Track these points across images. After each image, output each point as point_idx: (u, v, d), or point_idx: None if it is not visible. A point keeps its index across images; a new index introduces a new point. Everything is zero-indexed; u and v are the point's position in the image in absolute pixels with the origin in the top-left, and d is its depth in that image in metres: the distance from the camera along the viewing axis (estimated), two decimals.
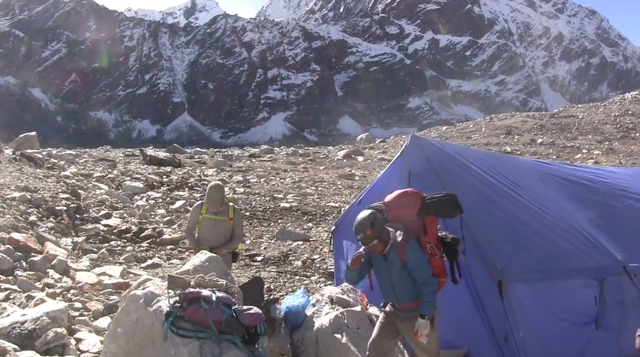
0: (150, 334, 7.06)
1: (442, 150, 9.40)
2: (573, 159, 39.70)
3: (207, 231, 11.00)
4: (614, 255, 8.52)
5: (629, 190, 10.56)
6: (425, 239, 7.67)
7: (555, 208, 9.15)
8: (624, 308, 8.31)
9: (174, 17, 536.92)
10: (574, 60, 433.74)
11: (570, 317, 8.25)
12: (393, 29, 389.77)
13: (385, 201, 7.96)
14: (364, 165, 37.59)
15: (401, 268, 7.46)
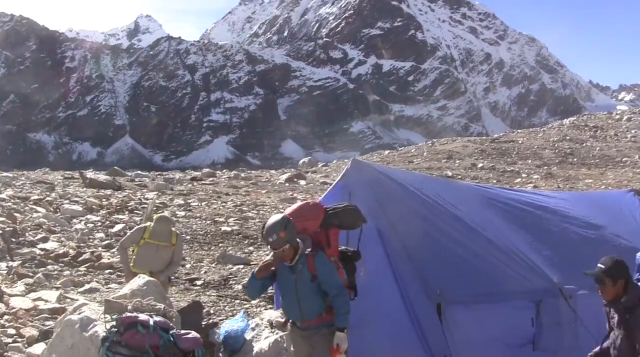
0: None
1: (383, 174, 9.47)
2: (513, 183, 40.17)
3: (147, 256, 10.91)
4: (551, 277, 8.68)
5: (566, 214, 10.77)
6: (329, 252, 7.59)
7: (495, 232, 9.28)
8: (560, 329, 8.46)
9: (116, 38, 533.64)
10: (514, 86, 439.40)
11: (508, 339, 8.37)
12: (337, 54, 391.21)
13: (288, 212, 7.74)
14: (306, 189, 37.59)
15: (310, 280, 7.29)
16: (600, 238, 10.31)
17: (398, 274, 8.35)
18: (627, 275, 6.53)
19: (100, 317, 7.27)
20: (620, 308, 6.49)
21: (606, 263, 6.57)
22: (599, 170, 46.77)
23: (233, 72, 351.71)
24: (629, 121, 74.07)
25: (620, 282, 6.44)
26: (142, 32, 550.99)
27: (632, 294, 6.39)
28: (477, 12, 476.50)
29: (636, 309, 6.34)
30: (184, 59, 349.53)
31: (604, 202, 12.44)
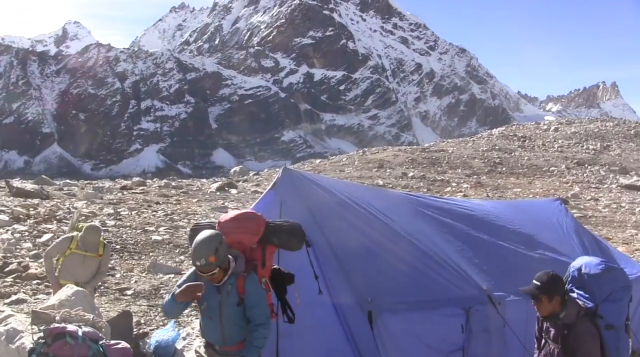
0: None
1: (315, 183, 9.46)
2: (443, 192, 40.64)
3: (74, 267, 10.73)
4: (480, 284, 8.77)
5: (495, 222, 10.95)
6: (262, 272, 7.01)
7: (425, 240, 9.34)
8: (489, 336, 8.55)
9: (43, 44, 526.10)
10: (444, 96, 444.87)
11: (438, 346, 8.42)
12: (268, 62, 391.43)
13: (222, 221, 7.13)
14: (237, 198, 37.51)
15: (237, 304, 6.66)
16: (528, 246, 10.47)
17: (329, 282, 8.32)
18: (563, 290, 6.57)
19: (27, 329, 7.16)
20: (559, 324, 6.53)
21: (541, 279, 6.55)
22: (527, 180, 47.64)
23: (164, 80, 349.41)
24: (556, 131, 75.67)
25: (557, 298, 6.46)
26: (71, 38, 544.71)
27: (570, 310, 6.44)
28: (408, 23, 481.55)
29: (575, 326, 6.39)
30: (113, 66, 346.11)
31: (532, 211, 12.65)
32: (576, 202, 38.19)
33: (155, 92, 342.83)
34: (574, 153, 61.90)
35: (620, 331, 6.64)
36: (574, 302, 6.56)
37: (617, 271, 6.99)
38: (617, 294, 6.69)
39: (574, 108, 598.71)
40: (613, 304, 6.59)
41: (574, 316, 6.40)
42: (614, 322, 6.62)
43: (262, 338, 6.66)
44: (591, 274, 6.92)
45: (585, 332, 6.32)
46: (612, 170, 53.42)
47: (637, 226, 32.01)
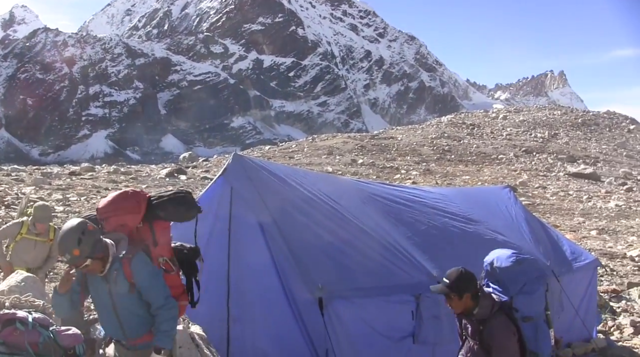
0: None
1: (265, 169, 9.44)
2: (392, 179, 40.78)
3: (25, 252, 10.63)
4: (430, 271, 8.83)
5: (444, 209, 11.02)
6: (156, 252, 6.33)
7: (374, 226, 9.38)
8: (439, 323, 8.60)
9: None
10: (393, 84, 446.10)
11: (389, 332, 8.46)
12: (217, 48, 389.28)
13: (99, 207, 6.42)
14: (186, 184, 37.26)
15: (128, 291, 6.01)
16: (478, 232, 10.57)
17: (280, 269, 8.28)
18: (473, 287, 6.48)
19: None
20: (474, 320, 6.49)
21: (450, 277, 6.51)
22: (475, 167, 47.98)
23: (112, 65, 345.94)
24: (505, 119, 76.35)
25: (467, 295, 6.41)
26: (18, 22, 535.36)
27: (483, 305, 6.39)
28: (357, 10, 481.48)
29: (489, 320, 6.35)
30: (61, 51, 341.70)
31: (481, 198, 12.78)
32: (524, 190, 38.62)
33: (104, 78, 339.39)
34: (522, 141, 62.51)
35: (538, 322, 6.61)
36: (487, 297, 6.52)
37: (528, 262, 6.96)
38: (531, 285, 6.67)
39: (522, 96, 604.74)
40: (527, 296, 6.58)
41: (488, 311, 6.36)
42: (531, 313, 6.66)
43: (168, 320, 6.08)
44: (502, 268, 6.95)
45: (499, 326, 6.30)
46: (560, 158, 54.10)
47: (584, 213, 32.48)
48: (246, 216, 8.61)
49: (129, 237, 6.24)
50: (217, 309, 8.94)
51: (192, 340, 7.95)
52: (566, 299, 10.74)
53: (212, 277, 9.16)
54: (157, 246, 6.35)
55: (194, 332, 8.14)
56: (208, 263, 9.41)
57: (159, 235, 6.42)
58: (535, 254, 10.70)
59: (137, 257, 6.06)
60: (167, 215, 6.43)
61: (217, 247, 8.95)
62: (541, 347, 6.52)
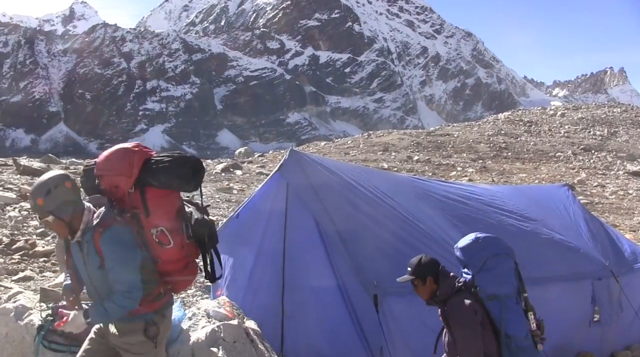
0: (20, 348, 6.90)
1: (321, 165, 9.42)
2: (448, 176, 40.48)
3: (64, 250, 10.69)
4: None
5: (501, 207, 10.87)
6: (149, 222, 5.59)
7: (430, 223, 9.31)
8: None
9: (51, 24, 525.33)
10: (450, 80, 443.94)
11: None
12: (274, 44, 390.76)
13: (97, 162, 5.87)
14: (242, 179, 37.36)
15: (99, 266, 5.42)
16: (534, 231, 10.40)
17: (335, 265, 8.28)
18: (434, 270, 6.42)
19: (35, 306, 7.16)
20: (438, 302, 6.44)
21: (411, 265, 6.48)
22: (532, 165, 47.40)
23: (169, 60, 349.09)
24: (563, 117, 75.27)
25: (429, 279, 6.37)
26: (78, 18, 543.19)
27: (443, 286, 6.34)
28: (414, 6, 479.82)
29: (449, 300, 6.27)
30: (120, 46, 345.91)
31: (539, 197, 12.57)
32: (582, 189, 38.04)
33: (161, 73, 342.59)
34: (581, 139, 61.58)
35: (506, 301, 6.29)
36: (446, 277, 6.41)
37: (487, 239, 6.65)
38: (491, 262, 6.37)
39: (580, 93, 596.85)
40: (488, 273, 6.30)
41: (449, 290, 6.28)
42: (494, 291, 6.30)
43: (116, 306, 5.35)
44: (463, 247, 6.61)
45: (456, 304, 6.18)
46: (619, 156, 53.14)
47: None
48: (302, 211, 8.61)
49: (122, 202, 5.65)
50: (271, 304, 8.96)
51: (247, 335, 7.94)
52: (625, 300, 10.56)
53: (266, 273, 9.19)
54: (149, 216, 5.58)
55: (249, 327, 8.13)
56: (263, 258, 9.44)
57: (153, 203, 5.62)
58: (593, 254, 10.55)
59: (108, 232, 5.37)
60: (159, 183, 5.64)
61: (273, 243, 8.97)
62: (507, 328, 6.22)
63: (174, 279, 5.83)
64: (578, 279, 10.02)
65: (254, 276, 9.56)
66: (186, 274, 5.92)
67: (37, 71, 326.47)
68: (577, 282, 10.00)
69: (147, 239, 5.60)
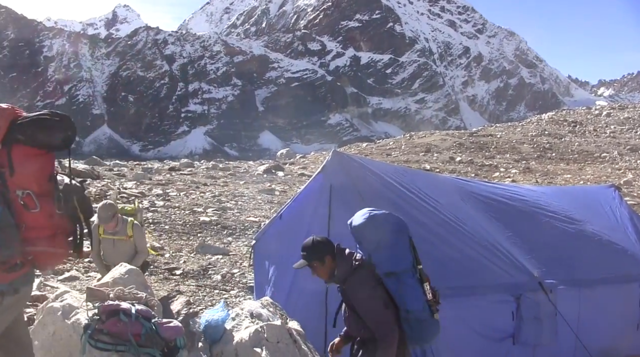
0: (68, 347, 6.97)
1: (363, 166, 9.41)
2: (491, 177, 40.26)
3: (108, 252, 10.84)
4: (531, 271, 8.66)
5: (545, 208, 10.77)
6: (14, 182, 5.26)
7: (474, 225, 9.25)
8: (540, 324, 8.44)
9: (94, 28, 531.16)
10: (492, 80, 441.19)
11: (487, 333, 8.35)
12: (315, 46, 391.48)
13: None
14: (284, 181, 37.52)
15: None
16: (580, 233, 10.31)
17: None
18: (329, 250, 6.26)
19: (82, 305, 7.25)
20: (337, 281, 6.30)
21: (306, 247, 6.30)
22: (577, 166, 46.91)
23: (211, 63, 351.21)
24: (608, 117, 74.42)
25: (328, 258, 6.22)
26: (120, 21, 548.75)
27: (342, 265, 6.21)
28: (455, 6, 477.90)
29: (348, 279, 6.14)
30: (162, 49, 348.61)
31: (584, 198, 12.44)
32: (629, 190, 37.52)
33: (203, 75, 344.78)
34: (627, 139, 60.77)
35: (402, 277, 6.15)
36: (344, 256, 6.27)
37: (382, 216, 6.46)
38: (387, 240, 6.24)
39: (627, 93, 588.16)
40: (385, 250, 6.19)
41: (347, 270, 6.15)
42: (391, 268, 6.16)
43: None
44: (357, 226, 6.42)
45: (356, 282, 6.09)
46: None
47: None
48: (345, 212, 8.55)
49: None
50: (314, 305, 8.97)
51: (290, 335, 7.94)
52: None
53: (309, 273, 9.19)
54: (13, 175, 5.24)
55: (292, 328, 8.13)
56: None
57: (19, 162, 5.26)
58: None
59: None
60: (26, 139, 5.29)
61: None
62: (405, 302, 6.07)
63: (38, 249, 5.35)
64: (625, 282, 9.90)
65: (297, 277, 9.54)
66: (53, 245, 5.47)
67: (81, 74, 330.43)
68: (624, 284, 9.88)
69: (11, 199, 5.23)
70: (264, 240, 11.16)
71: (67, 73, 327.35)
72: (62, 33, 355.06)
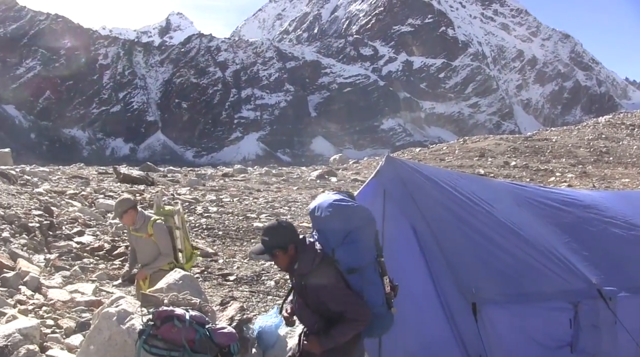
0: (122, 352, 7.03)
1: (417, 171, 9.29)
2: (547, 182, 39.89)
3: (135, 249, 10.90)
4: (589, 278, 8.47)
5: (603, 213, 10.52)
6: None
7: (530, 230, 9.08)
8: (599, 332, 8.25)
9: (148, 36, 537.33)
10: (547, 84, 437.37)
11: (544, 340, 8.19)
12: (367, 51, 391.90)
13: None
14: (337, 186, 37.50)
15: None
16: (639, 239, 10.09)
17: (433, 272, 8.18)
18: (294, 238, 6.01)
19: (137, 311, 7.33)
20: (295, 275, 6.08)
21: (268, 233, 6.02)
22: (636, 170, 46.21)
23: (263, 69, 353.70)
24: None
25: (291, 246, 5.94)
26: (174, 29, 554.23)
27: (303, 259, 5.91)
28: (509, 9, 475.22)
29: (310, 276, 5.86)
30: (214, 56, 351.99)
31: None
32: None
33: (256, 81, 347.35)
34: None
35: (365, 272, 5.96)
36: (307, 249, 5.98)
37: (350, 209, 6.22)
38: (354, 235, 6.01)
39: None
40: (350, 246, 5.96)
41: (309, 265, 5.87)
42: (355, 264, 5.96)
43: None
44: (322, 218, 6.19)
45: (320, 276, 5.81)
46: None
47: None
48: (399, 218, 8.52)
49: None
50: None
51: None
52: None
53: None
54: None
55: None
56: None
57: None
58: None
59: None
60: None
61: None
62: (368, 298, 5.86)
63: None
64: None
65: None
66: None
67: (136, 82, 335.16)
68: None
69: None
70: None
71: (121, 81, 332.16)
72: (116, 41, 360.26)
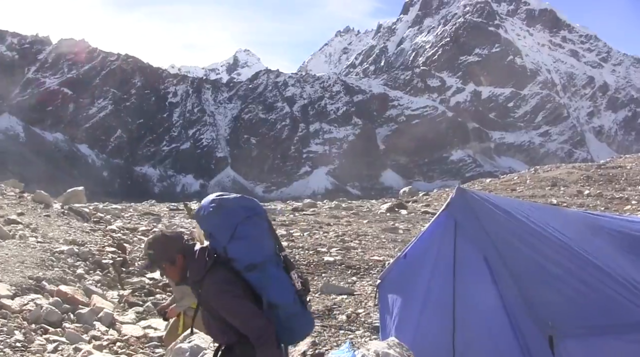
0: None
1: (488, 201, 9.16)
2: (622, 210, 39.04)
3: None
4: None
5: None
6: None
7: (607, 260, 8.85)
8: None
9: (216, 73, 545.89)
10: (620, 110, 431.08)
11: None
12: (434, 82, 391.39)
13: None
14: (407, 219, 37.19)
15: None
16: None
17: (507, 305, 7.98)
18: (180, 247, 5.73)
19: (209, 346, 7.31)
20: (189, 284, 5.70)
21: (151, 246, 5.75)
22: None
23: (331, 103, 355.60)
24: None
25: (179, 257, 5.65)
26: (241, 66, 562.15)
27: (193, 267, 5.59)
28: (578, 35, 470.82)
29: (203, 281, 5.45)
30: (282, 91, 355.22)
31: None
32: None
33: (323, 115, 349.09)
34: None
35: (266, 268, 5.51)
36: (195, 255, 5.67)
37: (232, 201, 5.84)
38: (241, 229, 5.62)
39: None
40: (241, 241, 5.57)
41: (202, 270, 5.50)
42: (251, 260, 5.56)
43: None
44: (205, 216, 5.82)
45: (213, 284, 5.42)
46: None
47: None
48: (471, 250, 8.38)
49: None
50: (442, 344, 8.73)
51: None
52: None
53: (437, 312, 8.99)
54: None
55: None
56: (433, 298, 9.25)
57: None
58: None
59: None
60: None
61: (442, 282, 8.78)
62: (273, 296, 5.45)
63: None
64: None
65: (423, 316, 9.37)
66: None
67: (205, 119, 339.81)
68: None
69: None
70: (389, 279, 11.00)
71: (191, 118, 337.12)
72: (185, 79, 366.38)
